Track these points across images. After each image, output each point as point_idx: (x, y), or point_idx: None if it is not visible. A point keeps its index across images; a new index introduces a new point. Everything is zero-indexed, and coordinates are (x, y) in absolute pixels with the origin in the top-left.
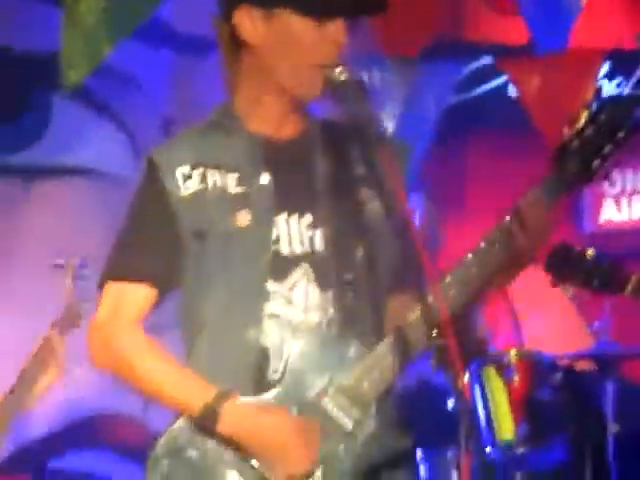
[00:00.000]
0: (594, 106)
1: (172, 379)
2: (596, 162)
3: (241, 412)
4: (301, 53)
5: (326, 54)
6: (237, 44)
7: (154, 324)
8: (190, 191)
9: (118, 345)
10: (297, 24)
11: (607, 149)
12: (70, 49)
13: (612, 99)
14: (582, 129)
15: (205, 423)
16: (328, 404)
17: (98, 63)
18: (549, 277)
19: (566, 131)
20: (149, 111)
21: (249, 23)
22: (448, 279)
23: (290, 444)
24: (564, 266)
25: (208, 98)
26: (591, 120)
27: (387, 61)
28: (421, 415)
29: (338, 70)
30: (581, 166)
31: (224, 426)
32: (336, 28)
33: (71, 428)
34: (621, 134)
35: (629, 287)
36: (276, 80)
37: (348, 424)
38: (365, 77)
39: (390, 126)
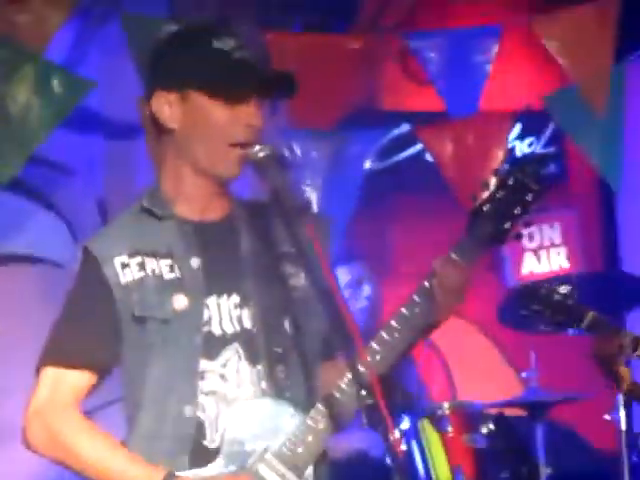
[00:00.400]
0: (503, 170)
1: (118, 464)
2: (507, 224)
3: None
4: (215, 134)
5: (239, 134)
6: (158, 128)
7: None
8: (129, 279)
9: (59, 431)
10: (209, 106)
11: (517, 211)
12: (1, 144)
13: (519, 162)
14: (493, 194)
15: None
16: (265, 470)
17: (29, 156)
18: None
19: (479, 196)
20: (84, 197)
21: (166, 107)
22: (374, 345)
23: None
24: (534, 302)
25: (141, 180)
26: (501, 185)
27: (306, 133)
28: (359, 473)
29: (257, 148)
30: (493, 229)
31: None
32: (248, 109)
33: None
34: (529, 197)
35: (584, 323)
36: (194, 161)
37: None
38: (285, 152)
39: (313, 197)
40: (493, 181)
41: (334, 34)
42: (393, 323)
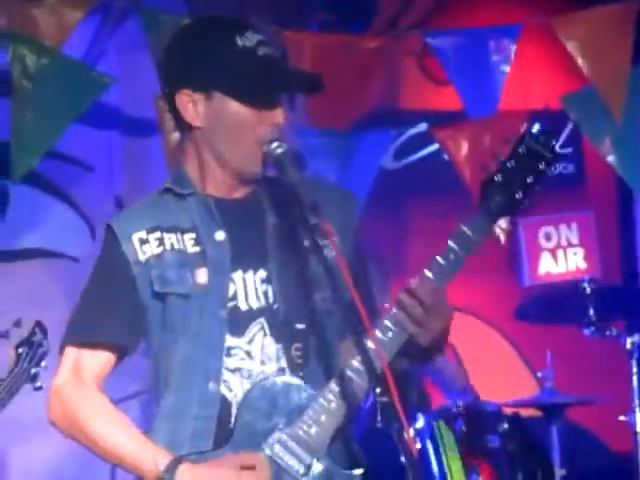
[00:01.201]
0: (515, 140)
1: (128, 445)
2: (519, 194)
3: (192, 476)
4: (241, 134)
5: (265, 134)
6: (181, 124)
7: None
8: (148, 255)
9: (76, 409)
10: (235, 107)
11: (529, 180)
12: (19, 138)
13: (530, 132)
14: (505, 163)
15: None
16: (280, 451)
17: (47, 150)
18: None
19: (490, 167)
20: (102, 192)
21: (190, 106)
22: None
23: None
24: None
25: (159, 176)
26: (513, 154)
27: (323, 132)
28: (374, 463)
29: (274, 144)
30: (505, 198)
31: None
32: (275, 113)
33: None
34: (542, 165)
35: None
36: (220, 158)
37: (300, 469)
38: (300, 148)
39: None
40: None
41: (352, 34)
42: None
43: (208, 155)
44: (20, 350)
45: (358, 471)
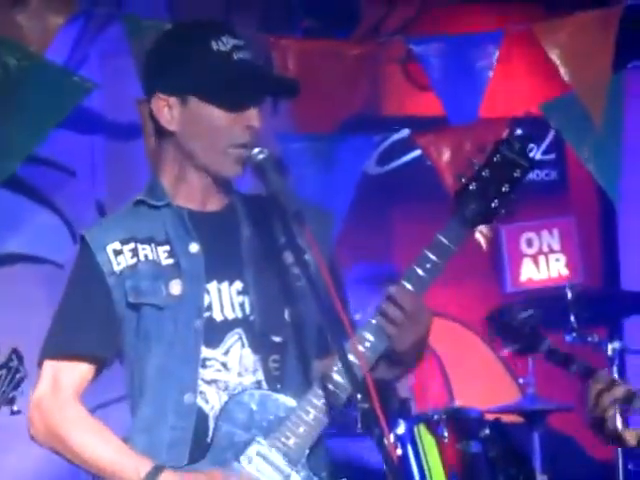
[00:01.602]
0: (489, 148)
1: (108, 455)
2: (495, 202)
3: None
4: (215, 137)
5: (239, 136)
6: (157, 129)
7: None
8: (122, 266)
9: (56, 422)
10: (209, 110)
11: (504, 188)
12: None
13: (505, 140)
14: (479, 171)
15: None
16: (258, 462)
17: (28, 154)
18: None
19: (465, 175)
20: (84, 197)
21: (165, 110)
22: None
23: None
24: (500, 328)
25: (141, 181)
26: (487, 162)
27: (305, 137)
28: (354, 470)
29: (256, 150)
30: (480, 207)
31: None
32: (248, 114)
33: None
34: (517, 173)
35: (542, 348)
36: (195, 161)
37: None
38: (282, 154)
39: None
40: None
41: (335, 39)
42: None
43: (184, 160)
44: (1, 372)
45: None
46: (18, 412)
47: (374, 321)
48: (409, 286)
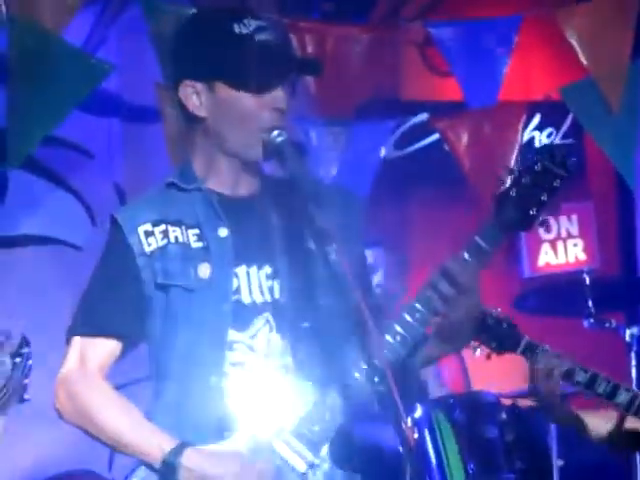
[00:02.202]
0: (530, 156)
1: (132, 431)
2: (533, 210)
3: (196, 464)
4: (244, 121)
5: (268, 120)
6: (186, 115)
7: None
8: (153, 247)
9: (81, 398)
10: (236, 95)
11: (543, 197)
12: (16, 124)
13: (547, 148)
14: (519, 179)
15: (165, 477)
16: (282, 447)
17: (45, 136)
18: None
19: (504, 181)
20: (101, 179)
21: (194, 97)
22: (388, 335)
23: None
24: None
25: (158, 164)
26: (527, 170)
27: (324, 121)
28: (375, 456)
29: (275, 133)
30: (520, 214)
31: (182, 475)
32: (275, 97)
33: None
34: (556, 183)
35: (519, 350)
36: (225, 147)
37: (302, 467)
38: (302, 137)
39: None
40: (517, 167)
41: (354, 23)
42: (405, 316)
43: (214, 146)
44: (17, 360)
45: (357, 474)
46: (28, 400)
47: (424, 294)
48: (467, 256)
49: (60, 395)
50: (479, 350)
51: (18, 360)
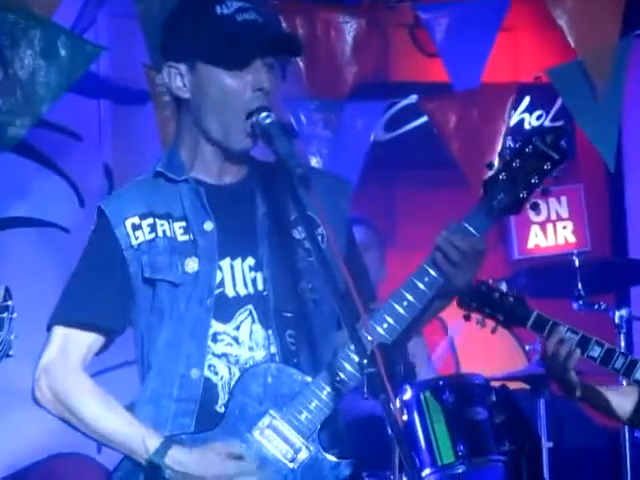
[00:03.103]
0: (521, 138)
1: (116, 427)
2: (523, 193)
3: (180, 463)
4: (226, 102)
5: (250, 100)
6: (172, 97)
7: None
8: (140, 240)
9: (63, 389)
10: (216, 75)
11: (534, 180)
12: (8, 107)
13: (538, 130)
14: (510, 162)
15: (151, 473)
16: (270, 434)
17: (36, 119)
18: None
19: (494, 164)
20: (91, 162)
21: (177, 78)
22: (381, 313)
23: None
24: (472, 301)
25: (148, 147)
26: (519, 153)
27: (313, 103)
28: (365, 440)
29: (263, 115)
30: (510, 197)
31: (167, 474)
32: (255, 76)
33: (25, 470)
34: (547, 166)
35: (529, 322)
36: (208, 132)
37: (288, 454)
38: (291, 119)
39: (318, 165)
40: (507, 150)
41: (344, 5)
42: (402, 291)
43: (198, 134)
44: (3, 315)
45: (347, 460)
46: (11, 356)
47: (433, 258)
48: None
49: (41, 384)
50: (483, 324)
51: (4, 315)
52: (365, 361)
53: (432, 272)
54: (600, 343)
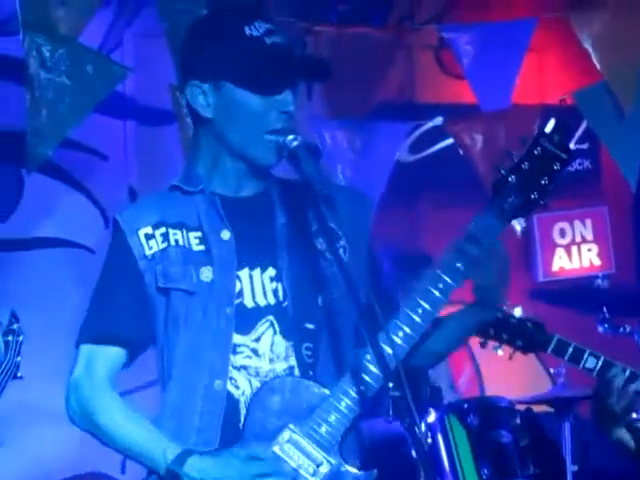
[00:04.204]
0: (530, 140)
1: (137, 437)
2: (534, 194)
3: (200, 471)
4: (250, 122)
5: (275, 121)
6: (193, 116)
7: None
8: (153, 250)
9: (90, 404)
10: (243, 96)
11: (544, 181)
12: (35, 127)
13: (545, 133)
14: (519, 164)
15: None
16: (289, 449)
17: (62, 139)
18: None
19: (503, 166)
20: (116, 183)
21: (200, 98)
22: (394, 322)
23: None
24: (489, 327)
25: (173, 166)
26: (527, 155)
27: (339, 123)
28: (387, 461)
29: (290, 137)
30: (520, 199)
31: None
32: (282, 99)
33: None
34: (556, 166)
35: (550, 348)
36: (231, 149)
37: (309, 468)
38: (317, 141)
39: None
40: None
41: (369, 25)
42: (417, 299)
43: (219, 148)
44: (9, 338)
45: (369, 472)
46: (21, 378)
47: (449, 260)
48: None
49: (71, 401)
50: (500, 350)
51: (10, 338)
52: (390, 384)
53: (446, 278)
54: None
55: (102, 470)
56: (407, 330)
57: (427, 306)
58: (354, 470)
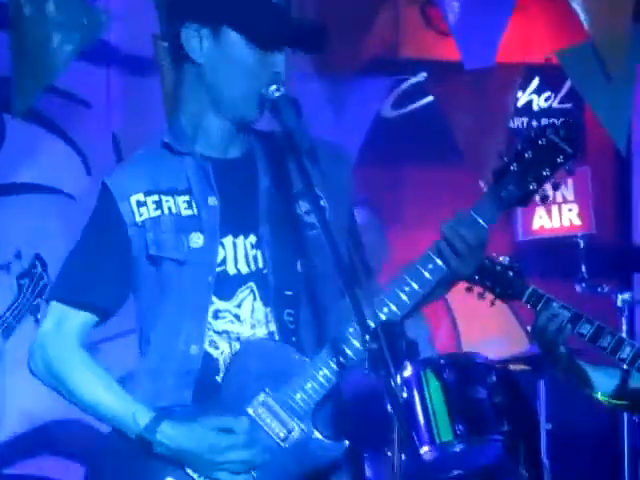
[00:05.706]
0: (533, 131)
1: (108, 402)
2: (533, 185)
3: (171, 439)
4: (242, 76)
5: (267, 81)
6: (181, 61)
7: None
8: (144, 217)
9: (56, 363)
10: (241, 47)
11: (545, 172)
12: (19, 74)
13: (553, 125)
14: (522, 153)
15: (141, 448)
16: (263, 412)
17: (45, 86)
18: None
19: (505, 154)
20: (99, 131)
21: (195, 41)
22: (382, 299)
23: (217, 460)
24: (475, 273)
25: (156, 115)
26: (531, 144)
27: (321, 78)
28: (364, 418)
29: (273, 87)
30: (519, 189)
31: (158, 449)
32: (277, 59)
33: (23, 436)
34: (560, 159)
35: (524, 297)
36: (216, 99)
37: (280, 433)
38: (298, 93)
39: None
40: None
41: None
42: (405, 277)
43: (205, 97)
44: (22, 282)
45: (339, 442)
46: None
47: (438, 246)
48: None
49: (35, 354)
50: (484, 296)
51: (24, 281)
52: (367, 337)
53: (437, 260)
54: (590, 321)
55: (84, 419)
56: (392, 307)
57: (415, 286)
58: (324, 439)
